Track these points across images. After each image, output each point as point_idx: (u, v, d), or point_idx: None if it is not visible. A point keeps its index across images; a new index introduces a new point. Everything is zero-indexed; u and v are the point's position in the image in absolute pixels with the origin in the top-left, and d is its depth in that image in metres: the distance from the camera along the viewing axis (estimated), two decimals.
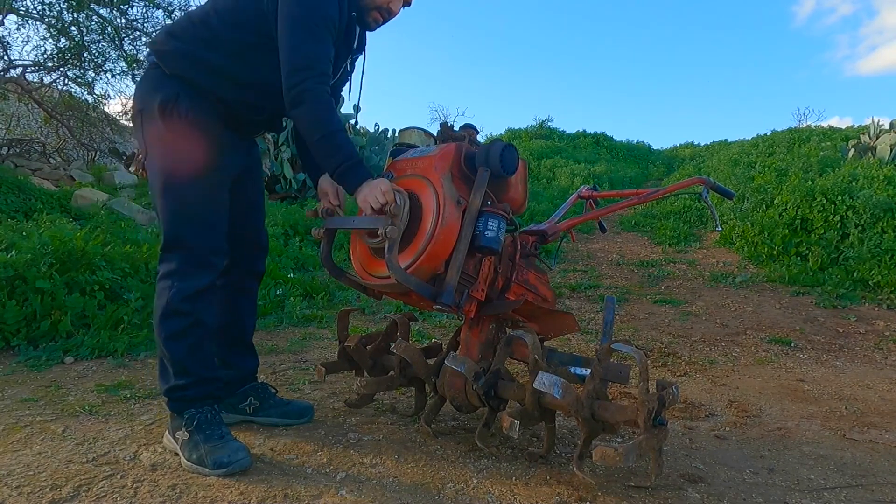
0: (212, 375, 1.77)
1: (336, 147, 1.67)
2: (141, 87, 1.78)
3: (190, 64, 1.72)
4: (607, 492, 1.61)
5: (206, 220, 1.73)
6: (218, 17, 1.74)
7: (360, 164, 1.69)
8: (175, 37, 1.75)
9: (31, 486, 1.52)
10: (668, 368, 2.95)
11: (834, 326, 3.97)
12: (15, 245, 3.11)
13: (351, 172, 1.68)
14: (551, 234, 2.10)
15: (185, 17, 1.83)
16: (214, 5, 1.76)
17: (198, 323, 1.72)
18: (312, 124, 1.68)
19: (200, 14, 1.76)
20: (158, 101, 1.69)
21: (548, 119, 18.38)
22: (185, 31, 1.75)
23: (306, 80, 1.64)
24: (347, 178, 1.70)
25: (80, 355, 2.67)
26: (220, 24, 1.73)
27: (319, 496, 1.53)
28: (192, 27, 1.75)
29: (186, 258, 1.71)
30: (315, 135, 1.67)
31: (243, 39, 1.72)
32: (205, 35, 1.73)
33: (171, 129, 1.68)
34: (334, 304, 4.06)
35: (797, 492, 1.70)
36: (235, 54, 1.73)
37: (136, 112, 1.76)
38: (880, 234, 5.40)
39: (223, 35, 1.73)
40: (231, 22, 1.73)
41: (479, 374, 1.73)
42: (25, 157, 8.27)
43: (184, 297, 1.68)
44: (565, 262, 5.97)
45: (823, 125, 16.80)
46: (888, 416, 2.38)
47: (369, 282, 1.80)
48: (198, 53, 1.71)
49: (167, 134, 1.69)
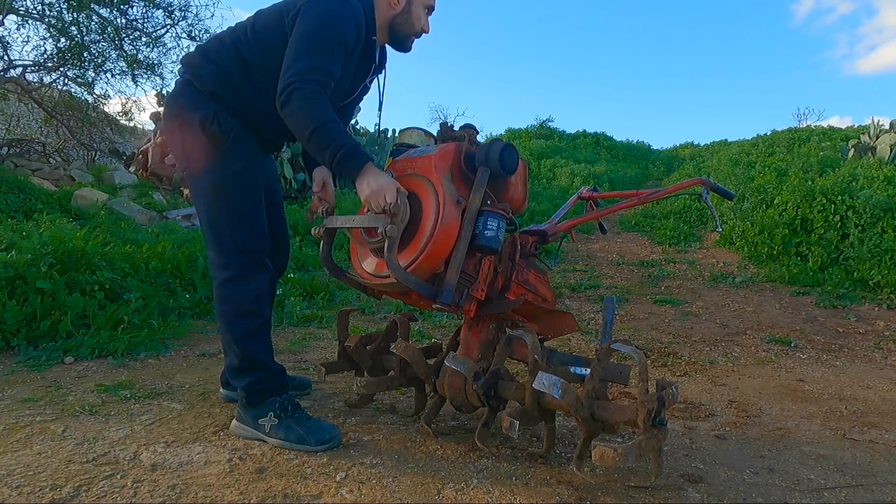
0: (281, 367, 1.94)
1: (329, 137, 1.64)
2: (176, 103, 1.86)
3: (224, 86, 1.80)
4: (607, 492, 1.61)
5: (258, 225, 1.86)
6: (248, 43, 1.81)
7: (357, 147, 1.65)
8: (210, 59, 1.83)
9: (31, 486, 1.52)
10: (668, 368, 2.95)
11: (834, 326, 3.96)
12: (15, 245, 3.10)
13: (350, 158, 1.63)
14: (551, 235, 2.10)
15: (216, 39, 1.90)
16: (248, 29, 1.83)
17: (266, 320, 1.88)
18: (303, 120, 1.65)
19: (232, 38, 1.84)
20: (199, 117, 1.77)
21: (548, 119, 18.35)
22: (218, 54, 1.83)
23: (297, 81, 1.65)
24: (346, 165, 1.64)
25: (80, 355, 2.67)
26: (250, 51, 1.80)
27: (319, 496, 1.53)
28: (224, 50, 1.83)
29: (248, 262, 1.83)
30: (307, 130, 1.65)
31: (273, 66, 1.74)
32: (237, 60, 1.81)
33: (215, 143, 1.78)
34: (334, 304, 4.06)
35: (797, 492, 1.70)
36: (267, 79, 1.77)
37: (174, 127, 1.84)
38: (880, 234, 5.40)
39: (254, 61, 1.80)
40: (261, 48, 1.80)
41: (478, 374, 1.73)
42: (25, 157, 8.27)
43: (253, 298, 1.82)
44: (565, 262, 5.97)
45: (823, 125, 16.80)
46: (888, 416, 2.38)
47: (368, 280, 1.81)
48: (232, 80, 1.80)
49: (212, 149, 1.78)
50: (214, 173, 1.80)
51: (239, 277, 1.81)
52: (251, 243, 1.83)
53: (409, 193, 1.68)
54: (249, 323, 1.82)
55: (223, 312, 1.84)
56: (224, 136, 1.77)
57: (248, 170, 1.83)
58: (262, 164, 1.91)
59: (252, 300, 1.82)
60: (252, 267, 1.83)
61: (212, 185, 1.81)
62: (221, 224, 1.82)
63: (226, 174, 1.80)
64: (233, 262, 1.82)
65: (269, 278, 1.95)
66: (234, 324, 1.82)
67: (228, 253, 1.82)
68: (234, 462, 1.70)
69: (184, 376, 2.50)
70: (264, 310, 1.87)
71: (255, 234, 1.85)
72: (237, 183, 1.81)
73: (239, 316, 1.81)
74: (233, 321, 1.82)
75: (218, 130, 1.76)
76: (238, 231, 1.82)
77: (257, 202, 1.86)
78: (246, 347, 1.82)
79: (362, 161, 1.64)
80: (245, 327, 1.82)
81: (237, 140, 1.80)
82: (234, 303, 1.82)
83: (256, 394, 1.83)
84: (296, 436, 1.78)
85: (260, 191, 1.88)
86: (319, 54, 1.69)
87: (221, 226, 1.82)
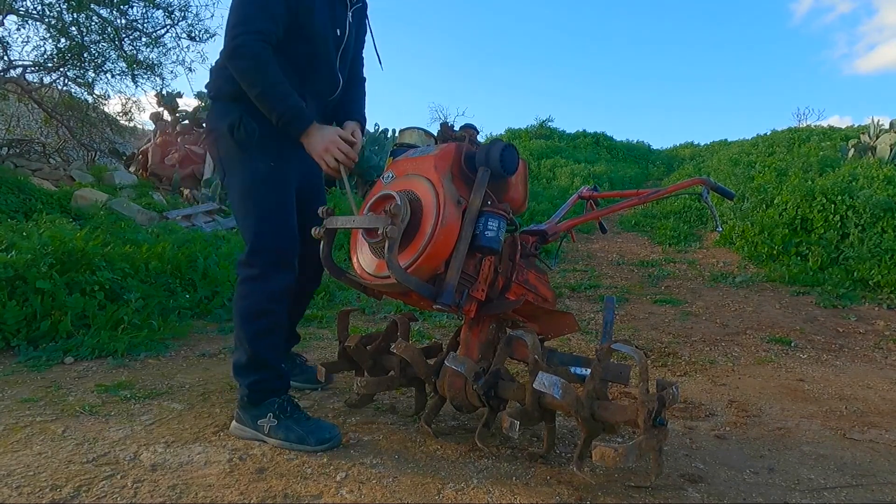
0: (286, 368, 1.98)
1: (278, 97, 1.74)
2: (209, 120, 1.96)
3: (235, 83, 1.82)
4: (607, 492, 1.61)
5: (283, 225, 1.88)
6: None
7: (301, 110, 1.76)
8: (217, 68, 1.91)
9: (32, 486, 1.52)
10: (668, 368, 2.95)
11: (834, 326, 3.96)
12: (15, 245, 3.10)
13: (295, 120, 1.75)
14: (552, 235, 2.10)
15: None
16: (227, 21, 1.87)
17: (280, 322, 1.90)
18: (250, 79, 1.75)
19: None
20: (227, 125, 1.85)
21: (548, 119, 18.31)
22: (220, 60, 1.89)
23: (239, 35, 1.74)
24: (291, 126, 1.76)
25: (80, 355, 2.67)
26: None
27: (319, 496, 1.53)
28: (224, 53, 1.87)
29: (269, 261, 1.85)
30: (254, 90, 1.74)
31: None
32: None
33: (243, 147, 1.85)
34: (334, 304, 4.06)
35: (797, 492, 1.70)
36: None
37: (211, 141, 1.96)
38: (880, 233, 5.40)
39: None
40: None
41: (479, 374, 1.73)
42: (25, 157, 8.26)
43: (270, 298, 1.84)
44: (565, 262, 5.97)
45: (823, 125, 16.76)
46: (888, 416, 2.38)
47: (368, 281, 1.80)
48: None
49: (240, 153, 1.86)
50: (243, 175, 1.87)
51: (260, 276, 1.84)
52: (274, 243, 1.86)
53: (409, 194, 1.68)
54: (263, 322, 1.84)
55: (239, 309, 1.87)
56: (249, 139, 1.83)
57: (275, 171, 1.87)
58: (293, 163, 1.90)
59: (269, 300, 1.84)
60: (274, 266, 1.85)
61: (241, 187, 1.88)
62: (248, 224, 1.87)
63: (253, 175, 1.86)
64: (256, 261, 1.85)
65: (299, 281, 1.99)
66: (248, 321, 1.84)
67: (253, 252, 1.86)
68: (234, 462, 1.70)
69: (184, 376, 2.50)
70: (280, 311, 1.88)
71: (278, 234, 1.87)
72: (264, 183, 1.86)
73: (254, 314, 1.84)
74: (247, 318, 1.84)
75: (244, 134, 1.83)
76: (263, 230, 1.85)
77: (284, 202, 1.89)
78: (254, 346, 1.84)
79: (306, 123, 1.75)
80: (257, 326, 1.84)
81: (261, 141, 1.84)
82: (252, 300, 1.84)
83: (257, 392, 1.85)
84: (295, 436, 1.79)
85: (289, 191, 1.91)
86: (256, 5, 1.76)
87: (248, 225, 1.87)
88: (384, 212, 1.63)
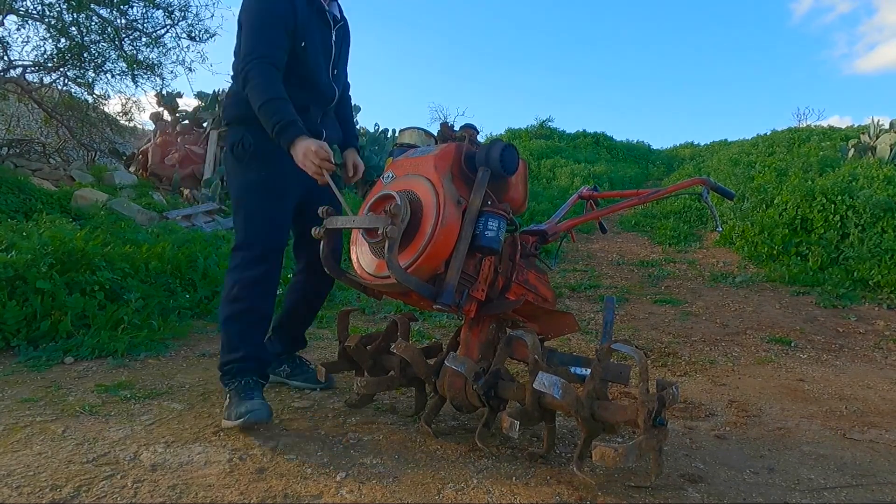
0: (257, 354, 2.02)
1: (273, 111, 1.87)
2: (225, 145, 2.20)
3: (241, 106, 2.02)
4: (607, 492, 1.61)
5: (265, 224, 2.03)
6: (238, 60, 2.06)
7: (293, 123, 1.87)
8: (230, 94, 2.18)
9: (32, 486, 1.52)
10: (668, 368, 2.95)
11: (834, 326, 3.97)
12: (15, 245, 3.10)
13: (285, 131, 1.87)
14: (552, 235, 2.10)
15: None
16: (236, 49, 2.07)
17: (251, 309, 2.00)
18: (255, 95, 1.90)
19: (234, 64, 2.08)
20: (230, 146, 2.09)
21: (548, 119, 18.30)
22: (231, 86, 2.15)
23: (249, 62, 1.92)
24: (282, 137, 1.88)
25: (80, 355, 2.67)
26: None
27: (319, 496, 1.53)
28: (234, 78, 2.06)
29: (247, 255, 2.01)
30: (257, 103, 1.89)
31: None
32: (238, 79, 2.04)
33: (239, 160, 2.07)
34: (334, 304, 4.06)
35: (797, 491, 1.70)
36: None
37: (226, 166, 2.16)
38: (880, 233, 5.40)
39: None
40: None
41: (479, 374, 1.73)
42: (25, 157, 8.26)
43: (242, 286, 1.99)
44: (565, 262, 5.97)
45: (823, 125, 16.75)
46: (888, 416, 2.38)
47: (368, 281, 1.80)
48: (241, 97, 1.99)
49: (237, 165, 2.08)
50: (237, 183, 2.09)
51: (236, 267, 2.02)
52: (256, 240, 2.01)
53: (409, 194, 1.68)
54: (233, 307, 1.99)
55: (221, 297, 2.06)
56: (244, 153, 2.04)
57: (268, 179, 2.03)
58: (291, 174, 2.00)
59: (241, 287, 1.98)
60: (251, 259, 2.00)
61: (235, 194, 2.10)
62: (237, 224, 2.08)
63: (245, 182, 2.06)
64: (236, 255, 2.04)
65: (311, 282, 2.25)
66: (223, 306, 2.03)
67: (236, 247, 2.05)
68: (234, 462, 1.70)
69: (184, 376, 2.50)
70: (251, 298, 1.99)
71: (260, 233, 2.02)
72: (253, 191, 2.04)
73: (228, 300, 2.01)
74: (223, 303, 2.04)
75: (241, 150, 2.04)
76: (248, 229, 2.03)
77: (270, 207, 2.04)
78: (225, 329, 2.02)
79: (295, 134, 1.86)
80: (229, 311, 2.00)
81: (256, 153, 2.03)
82: (227, 288, 2.02)
83: (225, 374, 1.99)
84: (227, 413, 1.90)
85: (280, 198, 2.06)
86: (261, 36, 1.95)
87: (237, 225, 2.08)
88: (384, 212, 1.63)
